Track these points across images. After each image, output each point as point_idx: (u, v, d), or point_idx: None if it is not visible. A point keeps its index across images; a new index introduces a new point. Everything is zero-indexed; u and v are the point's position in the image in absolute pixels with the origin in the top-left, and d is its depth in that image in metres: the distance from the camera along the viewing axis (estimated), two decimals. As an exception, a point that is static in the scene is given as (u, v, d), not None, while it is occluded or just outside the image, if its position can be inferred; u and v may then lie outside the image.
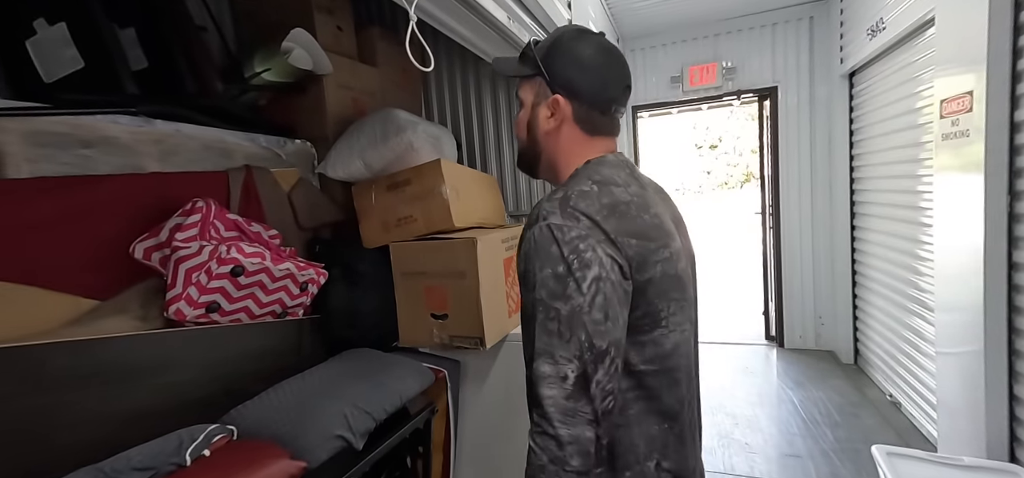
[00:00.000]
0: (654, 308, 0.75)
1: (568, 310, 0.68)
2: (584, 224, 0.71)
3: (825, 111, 3.72)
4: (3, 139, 1.12)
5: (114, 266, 1.28)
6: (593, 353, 0.67)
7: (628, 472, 0.76)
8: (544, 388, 0.67)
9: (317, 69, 1.88)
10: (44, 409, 1.08)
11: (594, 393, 0.67)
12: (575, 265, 0.68)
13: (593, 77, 0.82)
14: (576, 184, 0.77)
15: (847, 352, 3.70)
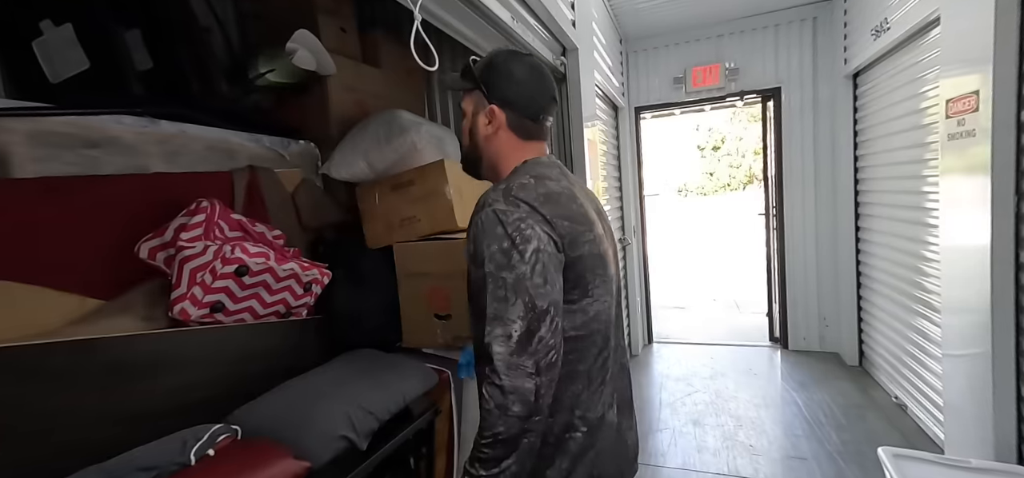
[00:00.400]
0: (583, 281, 0.90)
1: (513, 278, 0.80)
2: (524, 208, 0.84)
3: (829, 112, 3.71)
4: (8, 139, 1.12)
5: (119, 266, 1.28)
6: (535, 312, 0.80)
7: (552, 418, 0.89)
8: (495, 345, 0.79)
9: (321, 70, 1.88)
10: (48, 409, 1.08)
11: (536, 348, 0.79)
12: (518, 240, 0.81)
13: (523, 91, 0.98)
14: (516, 178, 0.91)
15: (852, 354, 3.68)
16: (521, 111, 0.98)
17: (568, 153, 2.43)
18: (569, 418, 0.91)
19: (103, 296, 1.26)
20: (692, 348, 4.38)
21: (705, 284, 7.66)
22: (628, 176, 4.25)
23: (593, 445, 0.92)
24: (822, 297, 3.93)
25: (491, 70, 0.98)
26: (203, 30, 1.79)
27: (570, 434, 0.91)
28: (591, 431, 0.92)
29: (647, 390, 3.55)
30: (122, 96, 1.42)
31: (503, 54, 1.01)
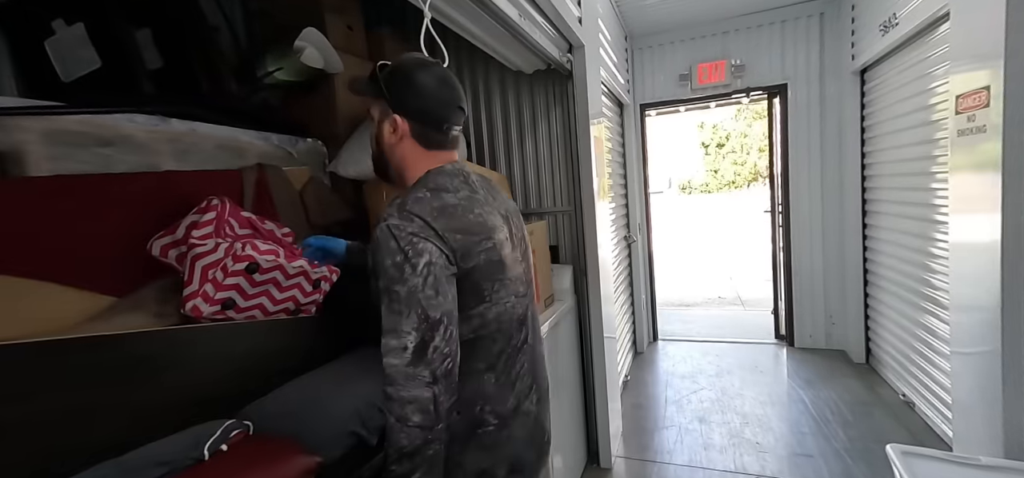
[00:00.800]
0: (479, 288, 0.94)
1: (406, 291, 0.83)
2: (417, 223, 0.87)
3: (836, 108, 3.69)
4: (23, 138, 1.13)
5: (131, 264, 1.29)
6: (428, 323, 0.83)
7: (461, 415, 0.93)
8: (390, 358, 0.83)
9: (328, 68, 1.89)
10: (63, 404, 1.09)
11: (431, 357, 0.82)
12: (410, 253, 0.84)
13: (427, 101, 0.98)
14: (413, 192, 0.94)
15: (858, 351, 3.67)
16: (425, 122, 0.98)
17: (574, 150, 2.43)
18: (479, 414, 0.96)
19: (116, 293, 1.27)
20: (697, 345, 4.37)
21: (710, 282, 7.64)
22: (633, 173, 4.24)
23: (509, 436, 0.99)
24: (828, 294, 3.91)
25: (396, 79, 0.98)
26: (212, 29, 1.80)
27: (482, 428, 0.96)
28: (503, 422, 0.98)
29: (652, 387, 3.55)
30: (133, 95, 1.43)
31: (410, 62, 1.01)
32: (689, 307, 6.10)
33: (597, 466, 2.60)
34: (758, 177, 28.58)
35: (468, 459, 0.95)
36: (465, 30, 1.73)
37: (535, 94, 2.58)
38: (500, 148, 2.66)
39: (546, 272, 2.31)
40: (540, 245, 2.24)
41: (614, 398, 2.72)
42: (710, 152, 31.07)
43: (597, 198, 2.46)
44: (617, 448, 2.73)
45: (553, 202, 2.64)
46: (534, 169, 2.64)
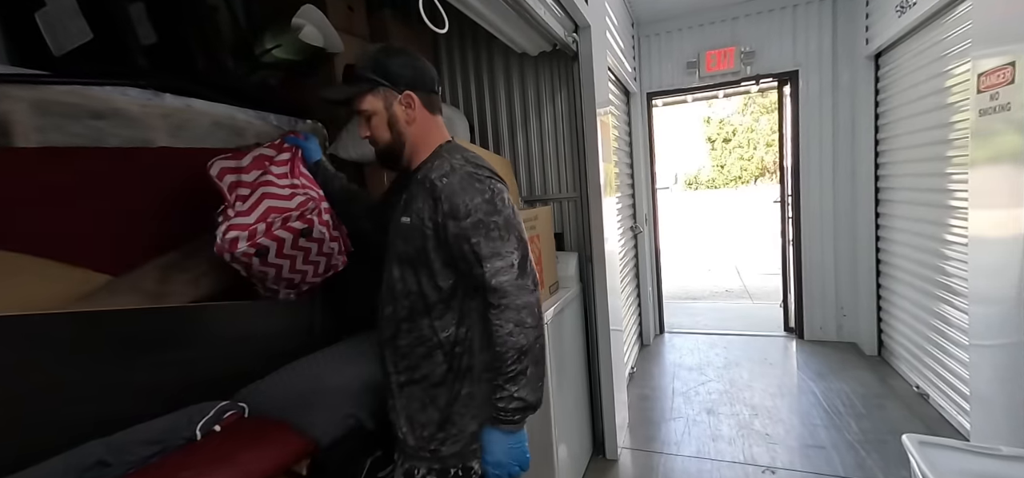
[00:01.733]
0: None
1: (503, 219, 0.96)
2: (485, 170, 1.03)
3: (849, 94, 3.60)
4: (11, 108, 1.10)
5: (125, 240, 1.26)
6: (523, 242, 0.99)
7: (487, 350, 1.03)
8: (499, 277, 0.94)
9: (328, 47, 1.84)
10: (54, 381, 1.07)
11: (531, 269, 0.98)
12: (496, 190, 0.98)
13: (421, 69, 1.08)
14: (451, 157, 1.04)
15: (871, 343, 3.59)
16: (428, 89, 1.08)
17: (580, 134, 2.37)
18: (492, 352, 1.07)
19: (110, 270, 1.24)
20: (705, 338, 4.31)
21: (717, 275, 7.57)
22: (640, 164, 4.18)
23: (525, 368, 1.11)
24: (840, 286, 3.84)
25: (389, 64, 1.05)
26: (209, 7, 1.76)
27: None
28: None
29: (659, 379, 3.50)
30: (126, 68, 1.39)
31: (386, 49, 1.09)
32: (696, 300, 6.03)
33: (602, 457, 2.55)
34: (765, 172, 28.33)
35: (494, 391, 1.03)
36: (468, 6, 1.68)
37: (540, 77, 2.52)
38: (504, 132, 2.60)
39: (550, 259, 2.26)
40: (544, 231, 2.19)
41: (620, 389, 2.67)
42: (716, 147, 30.82)
43: (603, 185, 2.40)
44: (623, 439, 2.68)
45: (558, 188, 2.59)
46: (539, 154, 2.59)
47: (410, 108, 1.05)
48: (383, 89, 1.04)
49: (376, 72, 1.04)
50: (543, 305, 2.02)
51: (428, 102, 1.08)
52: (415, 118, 1.06)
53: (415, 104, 1.06)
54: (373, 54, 1.07)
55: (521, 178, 2.61)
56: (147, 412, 1.13)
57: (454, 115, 2.41)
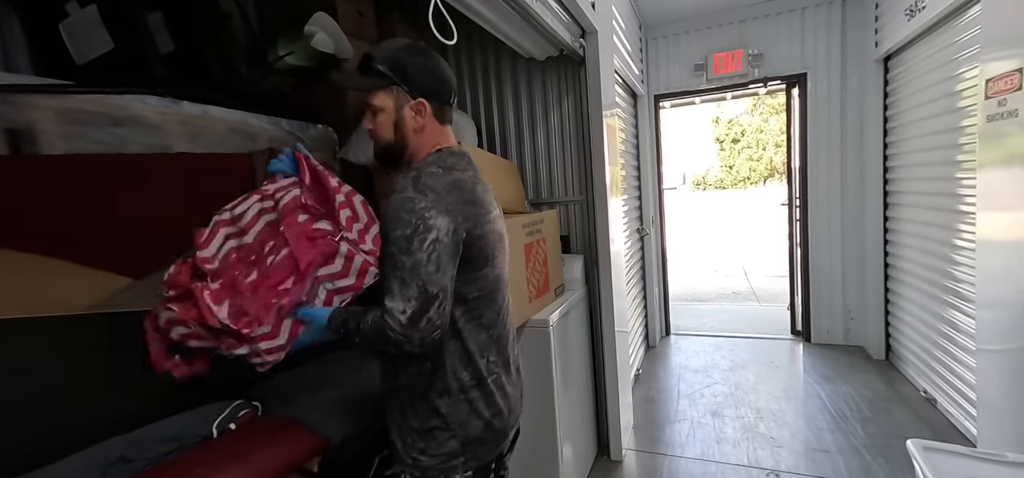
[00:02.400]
0: (484, 253, 1.03)
1: (411, 263, 0.90)
2: (430, 197, 0.93)
3: (858, 97, 3.59)
4: (38, 116, 1.14)
5: (145, 243, 1.30)
6: (426, 296, 0.90)
7: (470, 367, 1.03)
8: (388, 317, 0.90)
9: (339, 53, 1.88)
10: (75, 379, 1.11)
11: (423, 326, 0.91)
12: (420, 229, 0.90)
13: (440, 79, 1.05)
14: (427, 167, 1.00)
15: (878, 347, 3.57)
16: (442, 99, 1.05)
17: (586, 138, 2.39)
18: (487, 364, 1.06)
19: (130, 273, 1.29)
20: (711, 340, 4.31)
21: (724, 277, 7.54)
22: (647, 166, 4.18)
23: (509, 380, 1.11)
24: (847, 289, 3.82)
25: (409, 64, 1.01)
26: (223, 15, 1.80)
27: (491, 376, 1.06)
28: (505, 368, 1.11)
29: (664, 381, 3.50)
30: (146, 77, 1.44)
31: (409, 48, 1.04)
32: (702, 302, 6.02)
33: (607, 458, 2.57)
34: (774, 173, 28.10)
35: (482, 406, 1.04)
36: (475, 13, 1.71)
37: (547, 81, 2.54)
38: (511, 136, 2.63)
39: (556, 261, 2.28)
40: (550, 234, 2.21)
41: (625, 390, 2.69)
42: (725, 147, 30.63)
43: (610, 187, 2.42)
44: (628, 441, 2.70)
45: (564, 192, 2.61)
46: (545, 158, 2.61)
47: (420, 115, 1.02)
48: (396, 89, 1.00)
49: (394, 70, 1.00)
50: (549, 308, 2.04)
51: (439, 112, 1.05)
52: (424, 126, 1.03)
53: (426, 112, 1.02)
54: (394, 50, 1.02)
55: (528, 181, 2.63)
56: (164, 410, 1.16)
57: (462, 119, 2.44)
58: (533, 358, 1.97)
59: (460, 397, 1.03)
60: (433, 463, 1.02)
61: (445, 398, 1.02)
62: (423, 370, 1.02)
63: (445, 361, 1.02)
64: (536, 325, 1.97)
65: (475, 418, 1.04)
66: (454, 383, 1.02)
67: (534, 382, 1.98)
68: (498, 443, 1.09)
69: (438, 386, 1.02)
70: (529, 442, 2.00)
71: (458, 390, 1.02)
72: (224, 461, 1.03)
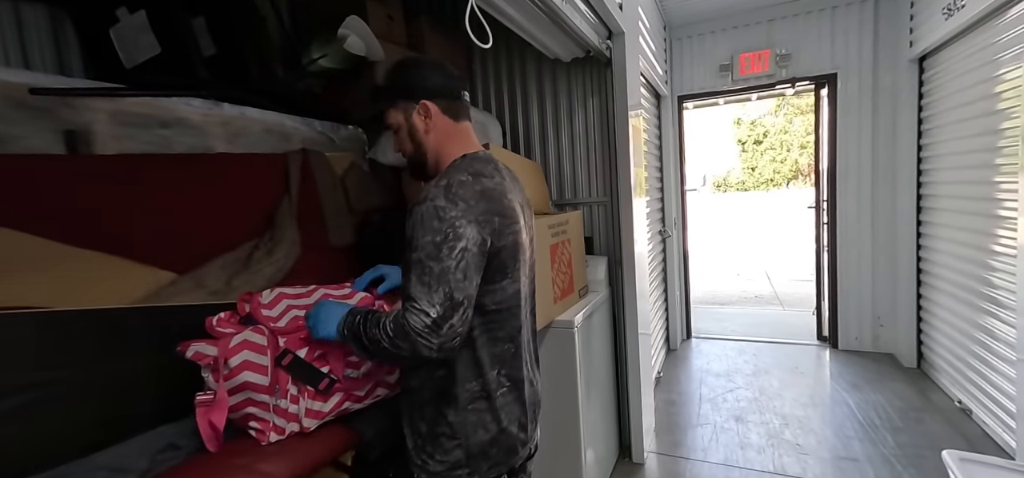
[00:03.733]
0: (505, 266, 1.02)
1: (439, 269, 0.90)
2: (461, 207, 0.94)
3: (890, 98, 3.50)
4: (93, 118, 1.20)
5: (188, 240, 1.35)
6: (452, 303, 0.90)
7: (480, 379, 1.03)
8: (411, 318, 0.90)
9: (370, 55, 1.91)
10: (125, 368, 1.16)
11: (445, 332, 0.90)
12: (450, 236, 0.91)
13: (436, 77, 1.06)
14: (456, 174, 1.00)
15: (909, 355, 3.48)
16: (446, 95, 1.06)
17: (611, 141, 2.39)
18: (497, 377, 1.06)
19: (175, 268, 1.34)
20: (733, 344, 4.25)
21: (747, 281, 7.42)
22: (670, 167, 4.15)
23: (519, 398, 1.10)
24: (877, 295, 3.73)
25: (402, 77, 1.06)
26: (260, 18, 1.85)
27: (500, 390, 1.06)
28: (515, 385, 1.09)
29: (686, 385, 3.47)
30: (190, 79, 1.49)
31: (402, 62, 1.09)
32: (724, 305, 5.93)
33: (629, 460, 2.56)
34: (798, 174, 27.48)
35: (488, 418, 1.05)
36: (505, 15, 1.73)
37: (572, 82, 2.55)
38: (535, 136, 2.64)
39: (580, 263, 2.29)
40: (574, 235, 2.22)
41: (647, 393, 2.68)
42: (747, 149, 30.06)
43: (634, 190, 2.42)
44: (650, 443, 2.68)
45: (588, 193, 2.61)
46: (570, 159, 2.61)
47: (427, 117, 1.05)
48: (402, 102, 1.06)
49: (393, 86, 1.07)
50: (574, 309, 2.05)
51: (449, 109, 1.06)
52: (433, 126, 1.05)
53: (431, 112, 1.05)
54: (390, 69, 1.09)
55: (552, 182, 2.64)
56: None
57: (487, 120, 2.46)
58: (557, 358, 1.98)
59: (467, 408, 1.03)
60: (439, 469, 1.04)
61: (452, 407, 1.03)
62: (433, 377, 1.03)
63: (455, 370, 1.02)
64: (561, 326, 1.98)
65: (481, 431, 1.04)
66: (462, 393, 1.03)
67: (558, 382, 1.99)
68: (506, 458, 1.08)
69: (446, 394, 1.03)
70: (552, 441, 2.01)
71: (466, 401, 1.03)
72: (265, 452, 1.06)
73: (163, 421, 1.12)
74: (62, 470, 0.96)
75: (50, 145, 1.14)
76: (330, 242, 1.82)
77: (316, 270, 1.67)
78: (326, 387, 1.13)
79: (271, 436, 1.09)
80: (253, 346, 1.08)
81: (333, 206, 1.84)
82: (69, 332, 1.08)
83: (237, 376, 1.06)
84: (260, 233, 1.55)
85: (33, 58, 1.48)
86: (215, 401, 1.05)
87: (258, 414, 1.09)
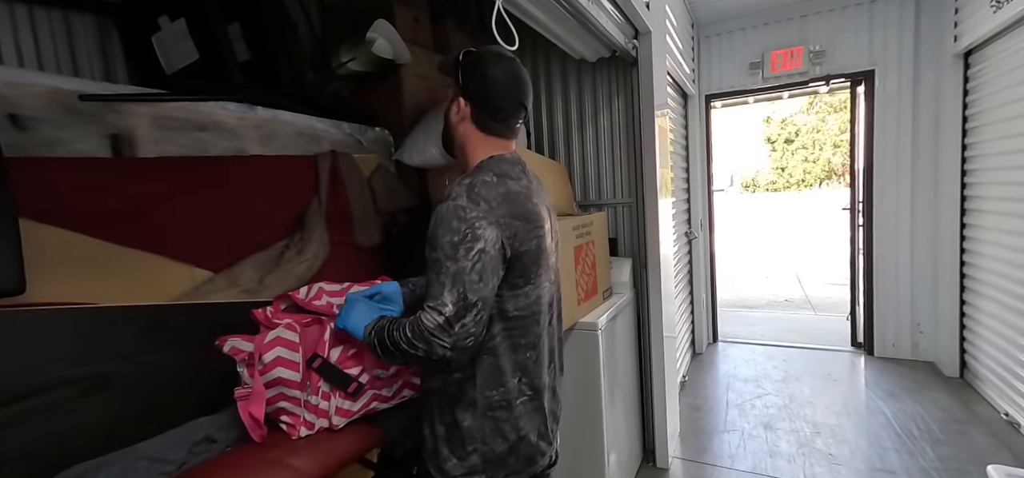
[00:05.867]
0: (527, 270, 1.02)
1: (455, 269, 0.90)
2: (483, 207, 0.94)
3: (932, 95, 3.34)
4: (136, 123, 1.25)
5: (223, 240, 1.40)
6: (465, 303, 0.91)
7: (501, 387, 1.03)
8: (425, 316, 0.91)
9: (397, 58, 1.94)
10: (164, 364, 1.21)
11: (458, 331, 0.91)
12: (469, 237, 0.91)
13: (490, 92, 1.05)
14: (481, 174, 1.00)
15: (951, 364, 3.32)
16: (483, 109, 1.05)
17: (637, 141, 2.36)
18: (518, 385, 1.05)
19: (211, 267, 1.39)
20: (761, 349, 4.14)
21: (776, 283, 7.22)
22: (696, 168, 4.07)
23: (540, 406, 1.09)
24: (916, 300, 3.57)
25: (471, 67, 1.06)
26: (292, 23, 1.90)
27: (520, 399, 1.06)
28: (536, 394, 1.08)
29: (712, 390, 3.40)
30: (226, 84, 1.54)
31: (488, 54, 1.07)
32: (752, 309, 5.79)
33: (653, 465, 2.53)
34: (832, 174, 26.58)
35: (507, 427, 1.04)
36: (531, 17, 1.72)
37: (597, 82, 2.53)
38: (560, 137, 2.63)
39: (605, 264, 2.27)
40: (599, 236, 2.20)
41: (672, 397, 2.63)
42: (777, 148, 29.23)
43: (660, 191, 2.38)
44: (674, 449, 2.64)
45: (613, 194, 2.59)
46: (594, 159, 2.59)
47: (458, 112, 1.08)
48: (455, 82, 1.08)
49: (458, 65, 1.07)
50: (598, 311, 2.04)
51: (481, 122, 1.06)
52: (461, 123, 1.08)
53: (463, 112, 1.06)
54: (476, 53, 1.08)
55: (576, 183, 2.62)
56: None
57: (512, 121, 2.46)
58: (581, 360, 1.97)
59: (487, 414, 1.03)
60: (457, 473, 1.04)
61: (470, 411, 1.02)
62: (452, 380, 1.03)
63: (476, 376, 1.02)
64: (584, 327, 1.97)
65: (500, 439, 1.04)
66: (481, 399, 1.02)
67: (581, 384, 1.98)
68: (525, 467, 1.08)
69: (465, 399, 1.03)
70: (575, 444, 2.00)
71: (485, 407, 1.02)
72: (296, 447, 1.09)
73: (200, 414, 1.16)
74: (106, 458, 1.00)
75: (96, 148, 1.20)
76: (357, 242, 1.85)
77: (344, 269, 1.71)
78: (355, 390, 1.15)
79: (301, 430, 1.12)
80: (286, 343, 1.11)
81: (360, 207, 1.88)
82: (113, 327, 1.13)
83: (271, 371, 1.09)
84: (291, 233, 1.60)
85: (82, 65, 1.56)
86: (253, 394, 1.09)
87: (289, 409, 1.13)
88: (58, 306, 1.05)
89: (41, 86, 1.11)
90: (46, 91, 1.11)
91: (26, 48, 1.47)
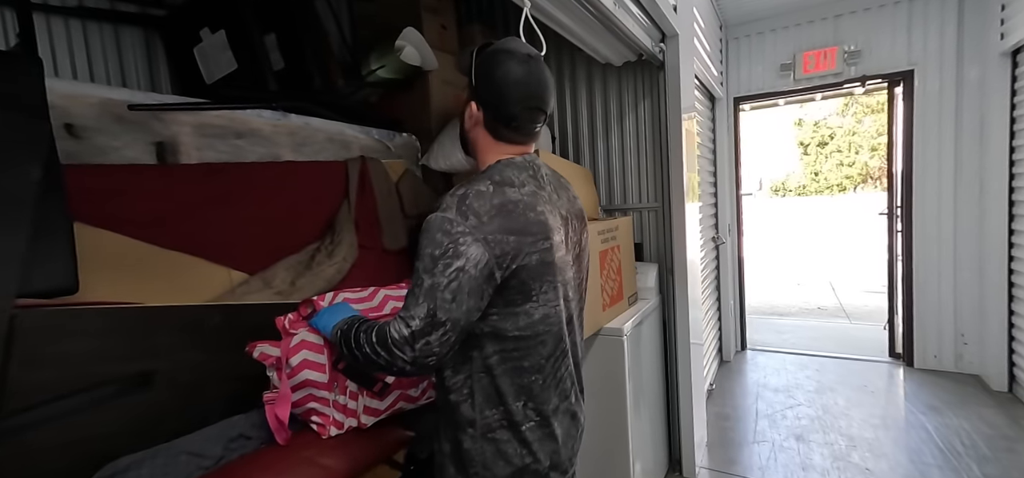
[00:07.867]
0: (526, 287, 0.94)
1: (430, 283, 0.85)
2: (471, 222, 0.87)
3: (977, 95, 3.19)
4: (179, 130, 1.31)
5: (258, 243, 1.45)
6: (433, 321, 0.85)
7: (500, 408, 0.96)
8: (392, 326, 0.87)
9: (425, 65, 1.98)
10: (202, 361, 1.26)
11: (421, 349, 0.86)
12: (450, 253, 0.85)
13: (502, 96, 0.97)
14: (477, 184, 0.93)
15: (999, 377, 3.15)
16: (495, 115, 0.98)
17: (664, 145, 2.33)
18: (523, 410, 0.97)
19: (246, 269, 1.44)
20: (793, 358, 4.02)
21: (808, 290, 7.00)
22: (724, 171, 3.99)
23: (550, 433, 1.00)
24: (960, 310, 3.40)
25: (484, 67, 0.98)
26: (325, 33, 1.96)
27: (526, 425, 0.98)
28: (544, 421, 0.99)
29: (741, 399, 3.32)
30: (262, 92, 1.60)
31: (503, 51, 0.98)
32: (782, 316, 5.62)
33: (679, 475, 2.48)
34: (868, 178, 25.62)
35: (512, 451, 0.97)
36: (558, 22, 1.73)
37: (623, 86, 2.51)
38: (585, 141, 2.62)
39: (630, 270, 2.25)
40: (624, 241, 2.18)
41: (699, 405, 2.58)
42: (810, 152, 28.35)
43: (687, 195, 2.34)
44: (701, 458, 2.59)
45: (639, 198, 2.56)
46: (620, 164, 2.58)
47: (470, 116, 1.02)
48: (469, 82, 1.02)
49: (472, 64, 1.00)
50: (623, 317, 2.02)
51: (491, 126, 1.00)
52: (474, 126, 1.02)
53: (475, 116, 1.00)
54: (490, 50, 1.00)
55: (601, 188, 2.61)
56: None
57: (537, 126, 2.47)
58: (605, 367, 1.95)
59: (487, 437, 0.96)
60: None
61: (467, 432, 0.97)
62: (450, 398, 0.98)
63: (472, 394, 0.96)
64: (609, 333, 1.95)
65: (502, 462, 0.96)
66: (479, 419, 0.96)
67: (606, 391, 1.96)
68: None
69: (460, 419, 0.97)
70: (600, 451, 1.98)
71: (483, 429, 0.96)
72: (327, 447, 1.12)
73: (233, 412, 1.20)
74: (149, 452, 1.05)
75: (142, 155, 1.26)
76: (385, 245, 1.89)
77: (372, 272, 1.75)
78: (380, 390, 1.17)
79: (331, 430, 1.14)
80: (311, 346, 1.14)
81: (388, 211, 1.91)
82: (157, 326, 1.19)
83: (298, 374, 1.12)
84: (321, 236, 1.64)
85: (129, 76, 1.64)
86: (279, 396, 1.12)
87: (319, 409, 1.15)
88: (108, 305, 1.10)
89: (93, 97, 1.17)
90: (98, 101, 1.17)
91: (79, 61, 1.56)
